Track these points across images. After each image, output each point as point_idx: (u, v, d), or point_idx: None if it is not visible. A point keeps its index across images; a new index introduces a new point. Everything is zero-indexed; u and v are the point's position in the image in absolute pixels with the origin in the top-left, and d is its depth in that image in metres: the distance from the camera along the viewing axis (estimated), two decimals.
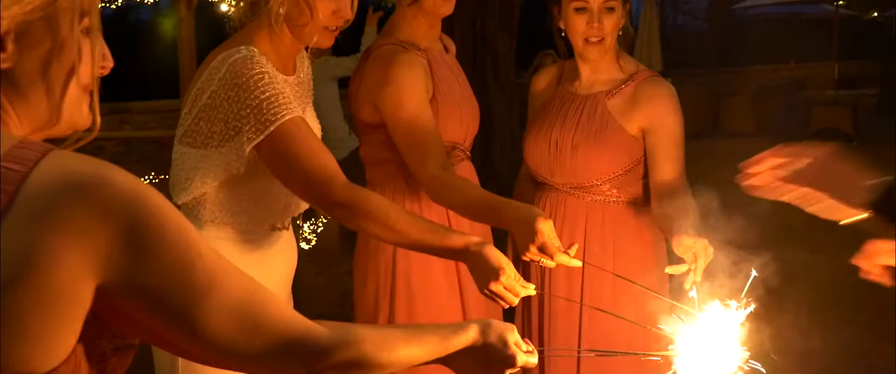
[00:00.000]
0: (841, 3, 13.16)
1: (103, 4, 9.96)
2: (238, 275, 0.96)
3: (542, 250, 1.76)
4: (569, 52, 2.31)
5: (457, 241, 1.71)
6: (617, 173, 2.23)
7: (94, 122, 0.97)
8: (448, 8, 2.15)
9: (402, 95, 2.08)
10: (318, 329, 1.02)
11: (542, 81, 2.42)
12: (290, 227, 2.01)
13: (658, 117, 2.20)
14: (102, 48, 0.96)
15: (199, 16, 9.94)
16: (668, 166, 2.16)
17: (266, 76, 1.71)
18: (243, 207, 1.85)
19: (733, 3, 16.91)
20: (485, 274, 1.66)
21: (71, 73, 0.91)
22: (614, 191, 2.25)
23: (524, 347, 1.26)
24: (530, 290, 1.70)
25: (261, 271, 1.88)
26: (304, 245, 5.42)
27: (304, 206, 1.98)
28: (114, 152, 9.07)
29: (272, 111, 1.69)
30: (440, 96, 2.17)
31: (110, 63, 0.97)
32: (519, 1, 6.69)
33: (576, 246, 1.82)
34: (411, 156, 2.06)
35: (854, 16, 14.99)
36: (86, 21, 0.92)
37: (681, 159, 2.19)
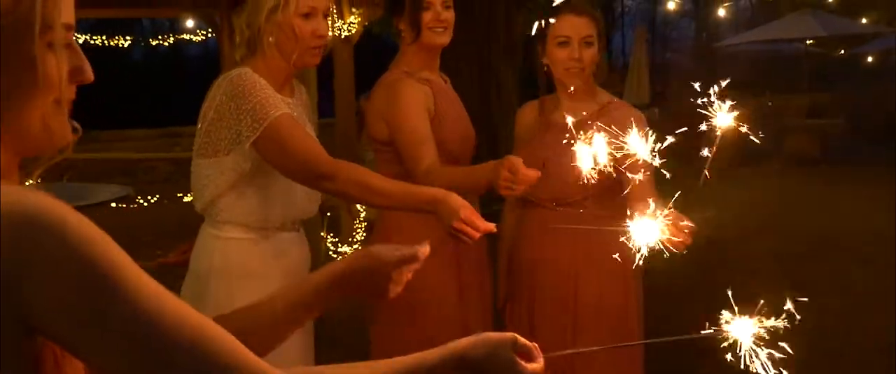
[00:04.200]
0: (811, 42, 13.12)
1: (157, 42, 10.07)
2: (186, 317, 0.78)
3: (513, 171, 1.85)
4: (549, 88, 2.34)
5: (427, 192, 1.83)
6: (597, 190, 2.25)
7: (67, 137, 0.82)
8: (443, 39, 2.24)
9: (405, 110, 2.19)
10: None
11: (527, 113, 2.44)
12: (301, 229, 2.06)
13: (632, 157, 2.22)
14: (78, 61, 0.81)
15: None
16: (639, 189, 2.17)
17: (257, 84, 1.83)
18: (253, 206, 1.92)
19: (715, 41, 16.91)
20: (449, 215, 1.76)
21: (32, 87, 0.77)
22: (595, 206, 2.27)
23: (533, 356, 1.03)
24: (491, 227, 1.78)
25: (274, 269, 1.93)
26: (336, 257, 5.47)
27: (311, 210, 2.04)
28: (166, 171, 9.15)
29: (264, 111, 1.80)
30: (440, 119, 2.25)
31: (87, 77, 0.83)
32: (521, 37, 6.74)
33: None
34: (410, 158, 2.16)
35: (823, 53, 14.95)
36: (49, 35, 0.78)
37: (651, 173, 2.20)
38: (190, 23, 9.26)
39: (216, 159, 1.87)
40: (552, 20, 2.25)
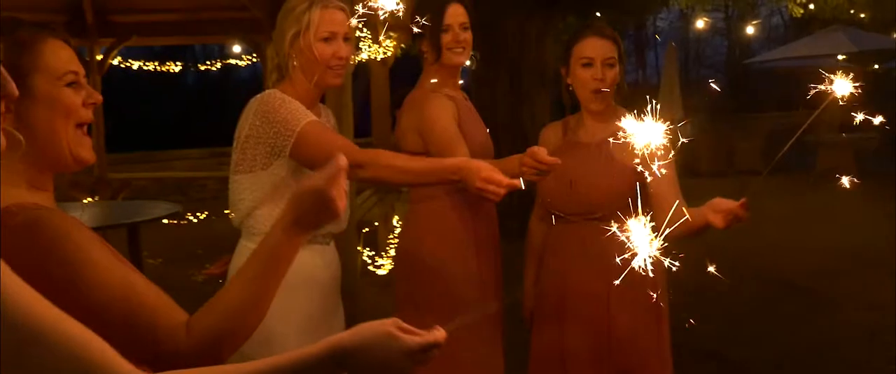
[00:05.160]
0: (844, 58, 12.90)
1: (206, 67, 10.33)
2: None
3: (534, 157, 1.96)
4: (573, 109, 2.42)
5: (450, 162, 1.93)
6: (624, 203, 2.27)
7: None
8: (462, 59, 2.36)
9: (435, 117, 2.31)
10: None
11: (550, 133, 2.50)
12: (332, 243, 2.13)
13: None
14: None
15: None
16: (666, 189, 2.21)
17: (285, 100, 1.94)
18: None
19: (747, 57, 16.70)
20: (472, 176, 1.83)
21: None
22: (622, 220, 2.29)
23: (422, 332, 1.00)
24: (516, 183, 1.83)
25: (307, 281, 2.00)
26: (379, 272, 5.56)
27: (340, 225, 2.10)
28: (214, 189, 9.33)
29: (296, 120, 1.91)
30: (463, 132, 2.33)
31: (10, 93, 0.85)
32: (552, 62, 6.80)
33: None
34: (445, 155, 2.23)
35: (856, 68, 14.68)
36: None
37: (676, 181, 2.26)
38: (237, 48, 9.48)
39: (252, 175, 1.96)
40: (576, 43, 2.32)
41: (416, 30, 2.30)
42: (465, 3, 2.37)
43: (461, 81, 2.50)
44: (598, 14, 7.75)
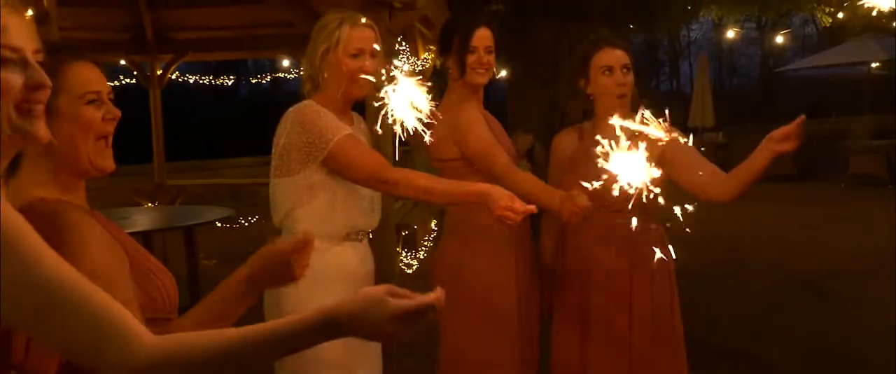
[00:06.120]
0: (876, 65, 12.60)
1: (256, 80, 10.57)
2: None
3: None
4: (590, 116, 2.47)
5: (476, 186, 1.99)
6: (639, 196, 2.32)
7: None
8: (484, 79, 2.40)
9: (471, 124, 2.37)
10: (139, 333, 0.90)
11: (565, 140, 2.54)
12: (365, 240, 2.21)
13: (673, 143, 2.29)
14: (31, 73, 0.86)
15: None
16: (700, 164, 2.26)
17: (320, 112, 2.02)
18: (321, 218, 2.07)
19: (780, 66, 16.41)
20: (495, 204, 1.92)
21: None
22: (640, 212, 2.34)
23: (414, 296, 1.01)
24: (532, 208, 1.93)
25: (342, 275, 2.08)
26: (408, 270, 5.65)
27: (372, 223, 2.18)
28: (265, 194, 9.51)
29: (330, 132, 2.00)
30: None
31: (41, 83, 0.88)
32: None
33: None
34: (485, 159, 2.32)
35: (888, 75, 14.32)
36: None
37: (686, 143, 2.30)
38: (285, 62, 9.69)
39: (290, 179, 2.06)
40: (594, 54, 2.39)
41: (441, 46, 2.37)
42: (491, 27, 2.43)
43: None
44: (631, 26, 7.73)
